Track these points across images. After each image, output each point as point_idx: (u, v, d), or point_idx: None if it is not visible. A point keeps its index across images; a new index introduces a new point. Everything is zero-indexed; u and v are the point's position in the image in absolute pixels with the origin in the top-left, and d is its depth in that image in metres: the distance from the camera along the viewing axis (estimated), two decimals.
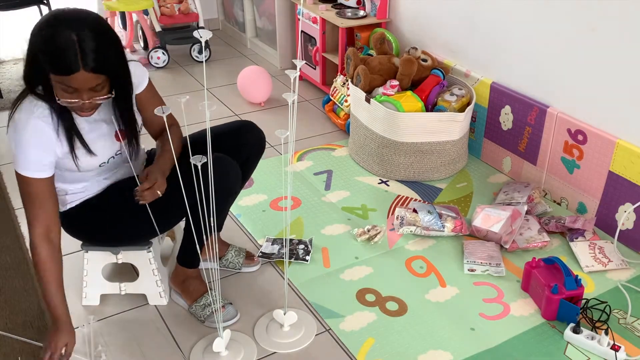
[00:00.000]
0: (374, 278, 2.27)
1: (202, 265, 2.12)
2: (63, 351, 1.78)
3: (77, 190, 1.91)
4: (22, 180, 1.74)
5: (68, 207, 1.92)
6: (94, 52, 1.56)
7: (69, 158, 1.76)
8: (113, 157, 1.87)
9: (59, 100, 1.63)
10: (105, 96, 1.67)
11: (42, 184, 1.74)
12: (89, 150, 1.78)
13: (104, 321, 2.07)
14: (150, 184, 1.76)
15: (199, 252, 2.00)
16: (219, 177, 1.83)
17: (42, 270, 1.76)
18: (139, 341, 2.00)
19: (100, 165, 1.84)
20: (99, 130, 1.81)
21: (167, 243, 2.38)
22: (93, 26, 1.58)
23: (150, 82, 1.93)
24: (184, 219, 1.94)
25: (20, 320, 2.06)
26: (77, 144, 1.75)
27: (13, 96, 3.76)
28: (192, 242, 1.97)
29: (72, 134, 1.74)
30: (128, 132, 1.85)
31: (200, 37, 1.47)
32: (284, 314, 2.00)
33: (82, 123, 1.77)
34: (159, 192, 1.77)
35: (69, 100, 1.63)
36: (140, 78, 1.88)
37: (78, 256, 2.26)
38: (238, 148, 2.05)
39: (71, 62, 1.54)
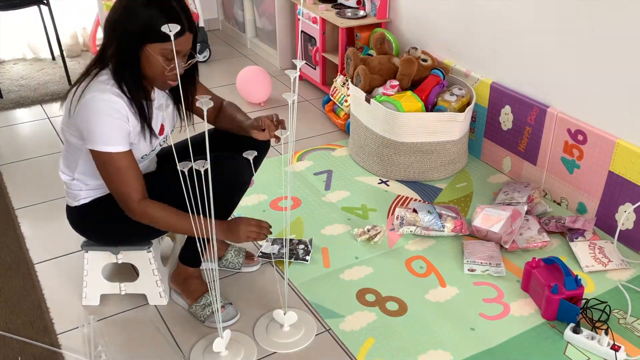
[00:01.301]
0: (374, 278, 2.27)
1: (202, 265, 2.11)
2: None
3: (95, 187, 1.91)
4: (104, 157, 1.73)
5: (81, 202, 1.92)
6: (185, 12, 1.70)
7: (132, 140, 1.79)
8: (154, 150, 1.92)
9: (162, 71, 1.70)
10: (194, 60, 1.79)
11: (125, 156, 1.75)
12: (153, 133, 1.82)
13: (104, 321, 2.07)
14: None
15: (201, 250, 2.00)
16: (233, 173, 1.87)
17: (167, 218, 1.80)
18: (139, 341, 2.00)
19: (141, 159, 1.88)
20: (154, 121, 1.86)
21: (167, 243, 2.38)
22: None
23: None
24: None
25: (21, 321, 2.06)
26: (145, 127, 1.80)
27: (13, 96, 3.77)
28: (194, 241, 1.97)
29: (145, 111, 1.78)
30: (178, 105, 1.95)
31: (170, 31, 1.47)
32: (284, 314, 2.00)
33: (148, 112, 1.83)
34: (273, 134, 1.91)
35: (172, 64, 1.69)
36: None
37: (78, 256, 2.27)
38: (244, 146, 2.04)
39: (182, 25, 1.64)
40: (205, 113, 1.58)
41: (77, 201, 1.93)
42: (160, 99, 1.92)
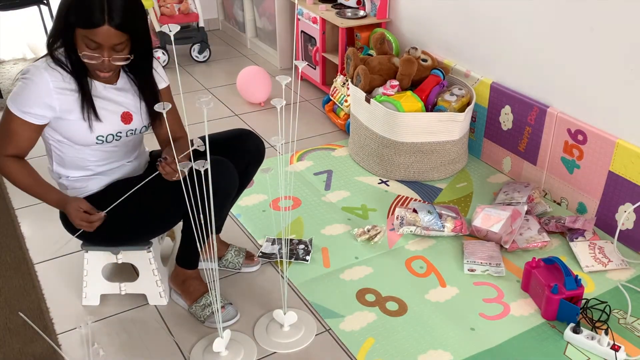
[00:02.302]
0: (374, 278, 2.27)
1: (202, 265, 2.11)
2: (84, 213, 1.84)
3: (75, 180, 1.92)
4: (8, 115, 1.77)
5: None
6: (120, 9, 1.64)
7: (69, 118, 1.78)
8: (112, 135, 1.87)
9: (80, 54, 1.69)
10: (124, 56, 1.73)
11: (26, 127, 1.77)
12: (95, 114, 1.80)
13: (103, 321, 2.07)
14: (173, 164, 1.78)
15: (198, 252, 2.00)
16: (215, 179, 1.83)
17: (18, 176, 1.84)
18: (139, 341, 1.99)
19: (97, 140, 1.85)
20: (108, 104, 1.84)
21: (167, 243, 2.38)
22: None
23: (169, 87, 2.00)
24: (183, 219, 1.95)
25: (21, 320, 2.06)
26: (84, 105, 1.80)
27: None
28: (190, 243, 1.97)
29: (83, 91, 1.77)
30: (147, 101, 1.91)
31: (170, 31, 1.49)
32: (284, 314, 2.00)
33: (95, 90, 1.82)
34: (180, 175, 1.77)
35: (90, 54, 1.68)
36: (162, 75, 1.97)
37: (78, 256, 2.27)
38: (238, 156, 2.04)
39: (98, 16, 1.62)
40: (205, 112, 1.58)
41: None
42: (128, 89, 1.90)
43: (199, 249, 1.97)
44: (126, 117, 1.88)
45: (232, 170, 1.93)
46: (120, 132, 1.88)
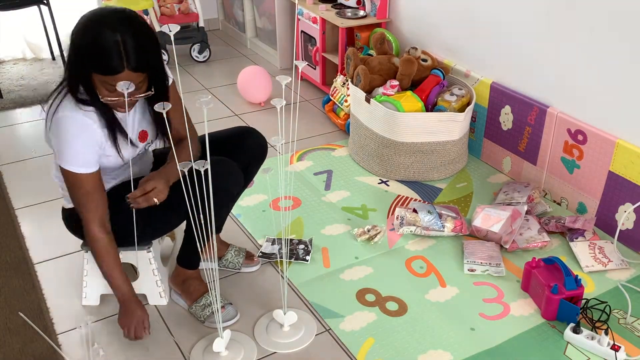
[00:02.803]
0: (374, 278, 2.27)
1: (202, 265, 2.12)
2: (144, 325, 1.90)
3: None
4: (71, 176, 1.76)
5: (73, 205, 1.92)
6: (135, 51, 1.62)
7: (106, 154, 1.80)
8: (137, 156, 1.91)
9: (102, 98, 1.68)
10: (145, 93, 1.72)
11: (92, 178, 1.77)
12: (130, 141, 1.82)
13: (104, 321, 2.08)
14: (144, 191, 1.76)
15: (199, 252, 2.00)
16: (219, 179, 1.84)
17: (104, 257, 1.85)
18: (138, 341, 1.99)
19: (124, 164, 1.88)
20: (129, 130, 1.84)
21: (167, 243, 2.38)
22: (134, 25, 1.64)
23: (173, 83, 1.97)
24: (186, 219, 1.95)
25: (21, 320, 2.06)
26: (119, 136, 1.80)
27: (13, 96, 3.77)
28: (192, 243, 1.97)
29: (114, 127, 1.77)
30: (160, 129, 1.91)
31: (170, 31, 1.48)
32: (284, 314, 2.00)
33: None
34: (155, 200, 1.77)
35: (112, 99, 1.68)
36: (167, 73, 1.94)
37: (78, 256, 2.27)
38: (239, 153, 2.04)
39: (116, 63, 1.61)
40: (205, 112, 1.59)
41: (70, 203, 1.93)
42: (137, 107, 1.89)
43: (201, 249, 1.97)
44: (142, 136, 1.90)
45: (236, 170, 1.94)
46: (141, 151, 1.91)
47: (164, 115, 1.58)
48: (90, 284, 2.11)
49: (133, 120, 1.86)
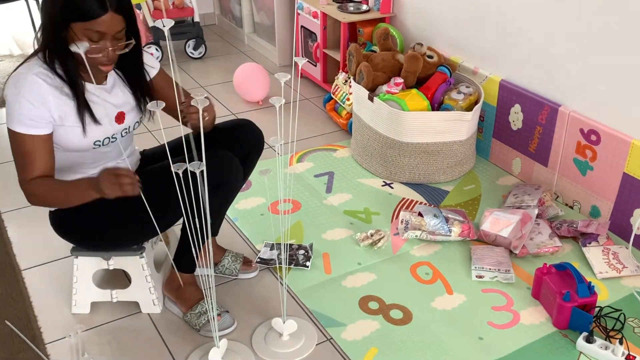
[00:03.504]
0: (377, 285, 2.27)
1: (198, 271, 2.12)
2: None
3: None
4: (15, 137, 1.76)
5: None
6: None
7: (65, 124, 1.79)
8: (109, 138, 1.89)
9: (87, 51, 1.68)
10: (125, 43, 1.75)
11: (38, 141, 1.76)
12: (93, 117, 1.81)
13: (94, 330, 2.08)
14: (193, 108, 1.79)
15: (195, 255, 2.02)
16: (220, 172, 1.86)
17: (49, 189, 1.80)
18: (131, 351, 2.00)
19: (94, 145, 1.86)
20: (102, 107, 1.85)
21: (161, 248, 2.39)
22: None
23: (162, 69, 2.02)
24: (181, 220, 1.96)
25: (7, 329, 2.06)
26: (80, 111, 1.80)
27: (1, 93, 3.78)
28: (189, 244, 1.98)
29: (78, 94, 1.78)
30: (140, 96, 1.93)
31: (164, 26, 1.50)
32: (283, 323, 2.01)
33: (87, 94, 1.82)
34: (206, 116, 1.81)
35: (96, 47, 1.69)
36: (151, 62, 1.98)
37: (68, 262, 2.28)
38: (236, 144, 2.06)
39: (100, 3, 1.64)
40: (200, 113, 1.60)
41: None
42: (117, 87, 1.92)
43: (199, 248, 1.98)
44: (119, 118, 1.89)
45: (237, 165, 1.96)
46: (115, 134, 1.90)
47: (158, 113, 1.60)
48: (80, 291, 2.11)
49: (110, 96, 1.87)
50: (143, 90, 1.94)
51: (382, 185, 2.88)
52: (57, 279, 2.30)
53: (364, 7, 3.48)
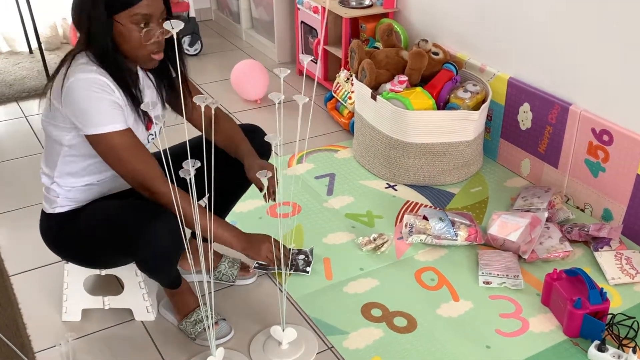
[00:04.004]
0: (380, 291, 2.27)
1: (194, 277, 2.12)
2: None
3: (69, 190, 1.91)
4: (107, 140, 1.74)
5: (57, 210, 1.92)
6: None
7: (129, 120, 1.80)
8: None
9: (142, 36, 1.71)
10: (170, 33, 1.74)
11: (130, 134, 1.77)
12: (144, 113, 1.83)
13: (85, 338, 2.08)
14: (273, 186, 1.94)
15: (191, 261, 2.02)
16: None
17: (184, 205, 1.77)
18: None
19: (148, 142, 1.90)
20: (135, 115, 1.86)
21: None
22: None
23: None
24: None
25: None
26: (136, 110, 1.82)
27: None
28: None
29: (133, 91, 1.80)
30: (164, 96, 1.98)
31: (172, 28, 1.50)
32: (283, 331, 2.00)
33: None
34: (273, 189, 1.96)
35: (148, 32, 1.71)
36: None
37: (58, 267, 2.28)
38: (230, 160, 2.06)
39: None
40: (202, 110, 1.60)
41: (53, 208, 1.93)
42: (147, 89, 1.93)
43: (192, 256, 1.98)
44: (148, 125, 1.91)
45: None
46: (144, 141, 1.91)
47: (202, 108, 1.61)
48: (71, 298, 2.11)
49: (144, 96, 1.89)
50: (169, 89, 1.97)
51: (386, 188, 2.88)
52: (47, 284, 2.30)
53: (367, 2, 3.48)
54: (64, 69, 1.75)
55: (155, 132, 1.96)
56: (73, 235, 1.93)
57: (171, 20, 1.51)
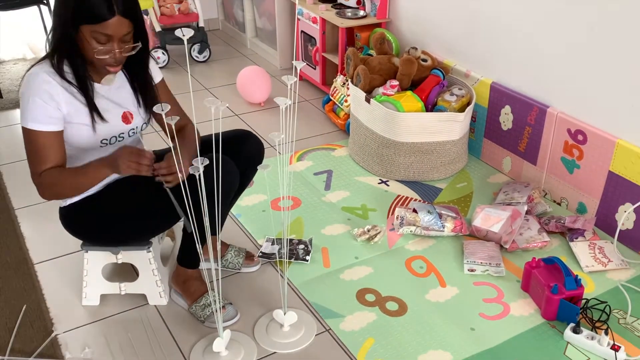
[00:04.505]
0: (373, 278, 2.27)
1: (203, 265, 2.12)
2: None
3: None
4: (28, 134, 1.75)
5: (68, 202, 1.93)
6: None
7: (74, 122, 1.78)
8: (115, 137, 1.88)
9: (95, 50, 1.68)
10: (132, 46, 1.75)
11: (50, 137, 1.76)
12: (100, 115, 1.80)
13: (103, 321, 2.08)
14: (169, 167, 1.76)
15: (199, 252, 2.01)
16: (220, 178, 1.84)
17: (59, 176, 1.78)
18: (139, 341, 2.00)
19: (101, 143, 1.85)
20: (109, 106, 1.84)
21: (167, 243, 2.38)
22: None
23: (163, 79, 2.02)
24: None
25: (21, 320, 2.06)
26: (89, 109, 1.79)
27: (13, 96, 3.77)
28: (191, 243, 1.97)
29: (86, 93, 1.78)
30: (142, 98, 1.92)
31: (183, 35, 1.48)
32: (284, 314, 2.00)
33: (95, 93, 1.82)
34: (180, 176, 1.75)
35: (104, 49, 1.69)
36: (156, 71, 1.98)
37: (78, 256, 2.27)
38: (237, 158, 2.02)
39: (107, 8, 1.64)
40: (173, 127, 1.60)
41: (66, 201, 1.93)
42: (124, 88, 1.91)
43: (202, 247, 1.97)
44: (126, 117, 1.88)
45: (234, 171, 1.94)
46: (123, 133, 1.89)
47: (163, 115, 1.59)
48: (90, 284, 2.11)
49: (117, 96, 1.86)
50: (147, 92, 1.93)
51: (379, 183, 2.87)
52: (68, 272, 2.29)
53: (361, 12, 3.46)
54: (34, 63, 1.78)
55: (137, 127, 1.92)
56: (94, 219, 1.93)
57: (182, 29, 1.50)
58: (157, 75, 1.98)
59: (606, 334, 1.93)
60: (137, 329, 2.05)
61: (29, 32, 4.37)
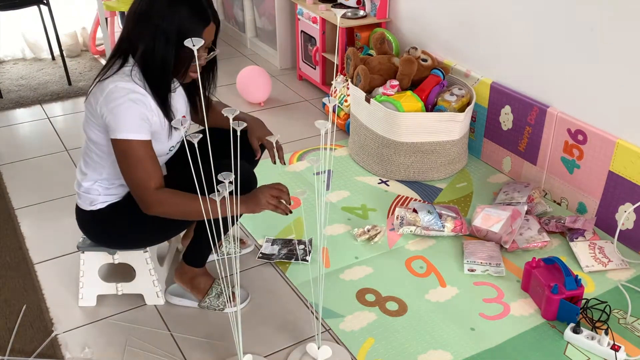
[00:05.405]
0: (373, 278, 2.26)
1: (210, 257, 2.13)
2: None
3: (115, 192, 1.90)
4: (125, 146, 1.71)
5: (97, 206, 1.90)
6: (209, 2, 1.74)
7: (155, 130, 1.78)
8: (180, 142, 1.92)
9: (194, 62, 1.70)
10: (214, 52, 1.81)
11: (149, 147, 1.74)
12: (172, 128, 1.82)
13: (101, 322, 2.07)
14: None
15: (208, 251, 2.02)
16: (243, 183, 1.84)
17: (180, 202, 1.76)
18: (139, 341, 1.99)
19: (169, 150, 1.89)
20: (175, 113, 1.86)
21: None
22: None
23: None
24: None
25: (21, 320, 2.05)
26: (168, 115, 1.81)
27: (13, 96, 3.77)
28: (204, 243, 1.98)
29: (169, 107, 1.78)
30: (193, 100, 1.97)
31: (194, 45, 1.44)
32: (318, 349, 1.91)
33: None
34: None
35: (201, 58, 1.74)
36: None
37: (74, 257, 2.27)
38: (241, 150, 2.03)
39: (209, 13, 1.71)
40: (231, 122, 1.59)
41: (93, 205, 1.90)
42: (179, 95, 1.92)
43: (211, 248, 1.97)
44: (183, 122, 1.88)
45: (254, 177, 2.00)
46: (182, 138, 1.89)
47: (232, 128, 1.62)
48: (87, 285, 2.10)
49: (174, 100, 1.87)
50: (195, 93, 1.95)
51: (379, 183, 2.86)
52: (68, 272, 2.29)
53: (361, 12, 3.46)
54: (109, 74, 1.72)
55: (176, 144, 1.94)
56: (118, 225, 1.92)
57: (192, 38, 1.45)
58: None
59: (606, 334, 1.93)
60: (137, 329, 2.04)
61: (29, 32, 4.36)
